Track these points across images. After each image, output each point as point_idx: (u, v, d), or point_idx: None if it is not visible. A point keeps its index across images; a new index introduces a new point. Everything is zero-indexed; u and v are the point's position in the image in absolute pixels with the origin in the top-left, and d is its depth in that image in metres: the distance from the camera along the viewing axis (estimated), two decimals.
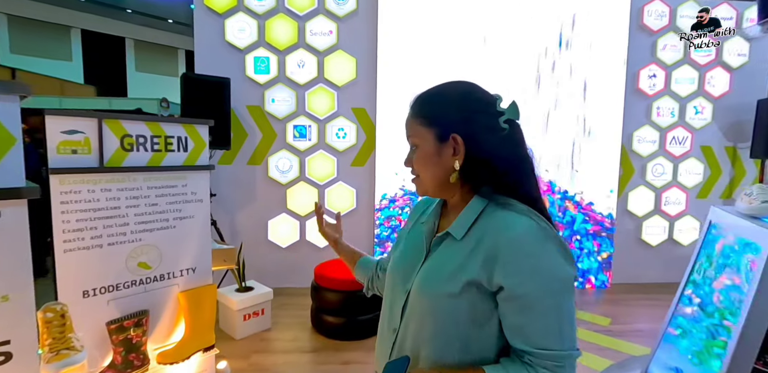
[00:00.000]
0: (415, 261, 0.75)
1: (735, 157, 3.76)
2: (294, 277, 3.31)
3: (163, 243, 1.55)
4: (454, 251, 0.68)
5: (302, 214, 3.30)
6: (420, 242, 0.76)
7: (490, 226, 0.66)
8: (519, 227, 0.63)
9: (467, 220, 0.69)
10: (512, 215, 0.66)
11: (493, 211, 0.68)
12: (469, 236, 0.68)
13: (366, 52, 3.21)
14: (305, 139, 3.24)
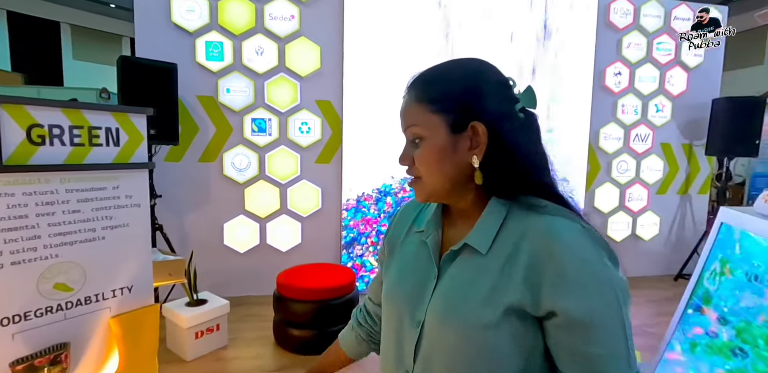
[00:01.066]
0: (422, 283, 0.61)
1: (691, 154, 3.89)
2: (255, 285, 3.03)
3: (87, 259, 1.26)
4: (480, 269, 0.55)
5: (262, 215, 3.02)
6: (424, 259, 0.63)
7: (525, 234, 0.53)
8: (565, 232, 0.51)
9: (490, 228, 0.56)
10: (550, 218, 0.54)
11: (522, 215, 0.56)
12: (495, 248, 0.55)
13: (331, 40, 2.97)
14: (265, 133, 2.95)
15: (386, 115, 3.04)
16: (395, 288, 0.65)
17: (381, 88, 3.02)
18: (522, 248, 0.53)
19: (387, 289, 0.67)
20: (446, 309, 0.56)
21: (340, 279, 2.42)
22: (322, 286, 2.33)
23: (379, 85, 3.02)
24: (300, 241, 3.09)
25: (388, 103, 3.04)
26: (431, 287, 0.59)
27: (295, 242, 3.09)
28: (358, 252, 3.15)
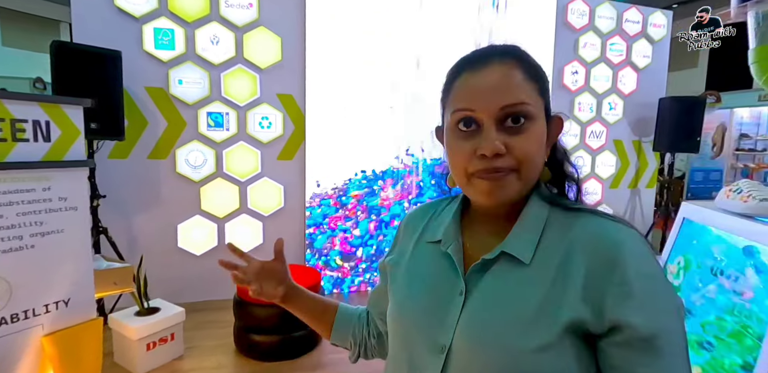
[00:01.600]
0: (444, 301, 0.52)
1: (640, 150, 4.10)
2: (213, 289, 2.86)
3: (13, 271, 1.10)
4: (523, 281, 0.48)
5: (220, 215, 2.86)
6: (444, 272, 0.54)
7: (576, 239, 0.48)
8: (628, 240, 0.46)
9: (531, 233, 0.50)
10: (602, 221, 0.49)
11: (562, 217, 0.50)
12: (539, 256, 0.48)
13: (293, 31, 2.83)
14: (222, 128, 2.78)
15: (351, 109, 2.96)
16: (406, 307, 0.55)
17: (346, 82, 2.93)
18: (574, 256, 0.47)
19: (396, 308, 0.57)
20: (485, 331, 0.47)
21: (305, 280, 2.32)
22: None
23: (344, 79, 2.92)
24: (262, 241, 2.96)
25: (353, 98, 2.96)
26: (457, 306, 0.50)
27: (256, 242, 2.95)
28: (322, 253, 3.06)
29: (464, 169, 0.49)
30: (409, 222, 0.65)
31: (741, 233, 0.93)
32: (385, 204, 3.15)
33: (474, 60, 0.51)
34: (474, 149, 0.48)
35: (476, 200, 0.52)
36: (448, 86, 0.53)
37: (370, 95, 3.00)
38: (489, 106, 0.47)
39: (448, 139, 0.52)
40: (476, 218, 0.57)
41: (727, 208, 1.01)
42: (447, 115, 0.52)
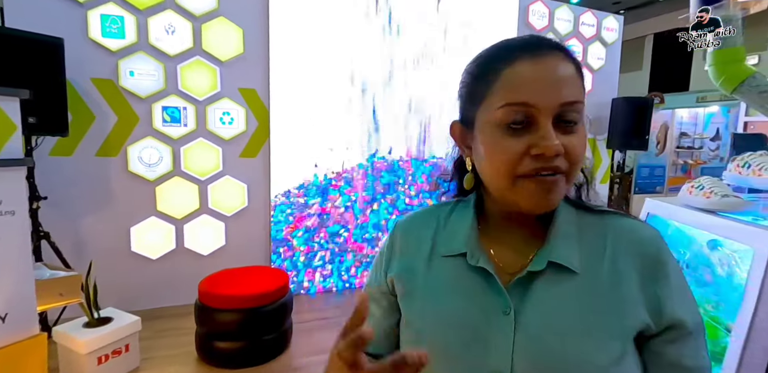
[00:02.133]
0: (489, 321, 0.46)
1: (595, 148, 4.31)
2: (172, 295, 2.70)
3: None
4: (579, 291, 0.45)
5: (179, 216, 2.69)
6: (479, 288, 0.48)
7: (614, 242, 0.47)
8: (659, 237, 0.48)
9: (570, 239, 0.47)
10: (634, 222, 0.49)
11: (594, 220, 0.50)
12: (585, 262, 0.46)
13: (255, 23, 2.71)
14: (179, 124, 2.62)
15: (319, 104, 2.88)
16: (438, 333, 0.48)
17: (312, 76, 2.84)
18: (620, 260, 0.46)
19: (424, 334, 0.49)
20: (552, 353, 0.43)
21: (271, 283, 2.24)
22: (251, 292, 2.13)
23: (311, 73, 2.83)
24: (224, 243, 2.82)
25: (321, 92, 2.87)
26: (507, 326, 0.45)
27: (218, 244, 2.81)
28: (288, 253, 2.97)
29: (511, 169, 0.43)
30: (409, 233, 0.56)
31: (704, 228, 0.98)
32: (357, 202, 3.10)
33: (528, 48, 0.44)
34: (526, 148, 0.43)
35: (521, 204, 0.45)
36: (489, 75, 0.45)
37: (338, 90, 2.93)
38: (550, 101, 0.42)
39: (488, 136, 0.45)
40: (496, 225, 0.52)
41: (691, 204, 1.06)
42: (487, 108, 0.45)
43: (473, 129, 0.49)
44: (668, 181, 6.82)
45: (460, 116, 0.52)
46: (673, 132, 6.82)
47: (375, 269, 0.59)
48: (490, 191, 0.49)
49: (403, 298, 0.53)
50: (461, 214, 0.54)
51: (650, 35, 9.99)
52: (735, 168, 1.13)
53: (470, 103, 0.48)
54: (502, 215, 0.51)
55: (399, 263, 0.54)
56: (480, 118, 0.47)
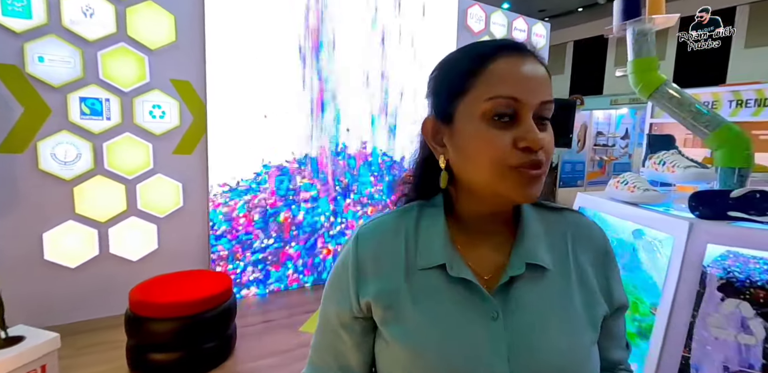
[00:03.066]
0: (479, 330, 0.46)
1: None
2: (97, 306, 2.45)
3: None
4: (555, 288, 0.49)
5: (102, 219, 2.44)
6: (463, 299, 0.47)
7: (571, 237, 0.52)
8: (602, 231, 0.55)
9: (538, 238, 0.50)
10: (584, 218, 0.55)
11: (553, 217, 0.54)
12: (554, 259, 0.50)
13: (189, 9, 2.52)
14: (101, 117, 2.36)
15: (260, 97, 2.76)
16: (436, 351, 0.46)
17: (253, 67, 2.71)
18: (579, 255, 0.51)
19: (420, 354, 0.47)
20: (543, 351, 0.45)
21: (211, 287, 2.12)
22: (189, 298, 2.00)
23: (252, 64, 2.70)
24: (156, 246, 2.61)
25: (263, 85, 2.76)
26: (497, 332, 0.46)
27: (149, 248, 2.60)
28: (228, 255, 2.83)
29: (501, 161, 0.44)
30: (378, 249, 0.52)
31: (629, 218, 1.10)
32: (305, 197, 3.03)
33: (511, 47, 0.46)
34: (513, 141, 0.44)
35: (511, 195, 0.46)
36: (475, 70, 0.46)
37: (282, 81, 2.83)
38: (533, 98, 0.44)
39: (473, 129, 0.46)
40: (467, 227, 0.52)
41: (616, 197, 1.18)
42: (472, 100, 0.46)
43: (452, 123, 0.48)
44: (587, 175, 7.52)
45: (434, 112, 0.51)
46: (591, 131, 7.52)
47: (338, 290, 0.53)
48: (472, 185, 0.49)
49: (390, 321, 0.49)
50: (431, 220, 0.52)
51: (571, 42, 10.89)
52: (652, 165, 1.28)
53: (450, 98, 0.48)
54: (477, 215, 0.52)
55: (375, 285, 0.50)
56: (462, 111, 0.47)
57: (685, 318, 0.81)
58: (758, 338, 0.76)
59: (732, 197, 0.89)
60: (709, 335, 0.79)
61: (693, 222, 0.88)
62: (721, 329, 0.79)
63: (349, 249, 0.53)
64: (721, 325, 0.79)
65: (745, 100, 3.11)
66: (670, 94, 1.26)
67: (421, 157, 0.57)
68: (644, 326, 0.94)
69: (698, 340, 0.80)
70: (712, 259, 0.86)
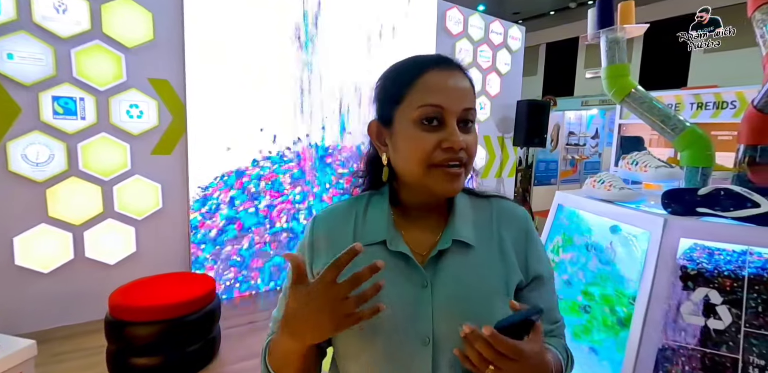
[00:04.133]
0: (412, 296, 0.55)
1: (503, 145, 4.74)
2: (73, 311, 2.38)
3: None
4: (479, 262, 0.57)
5: (77, 222, 2.37)
6: (400, 270, 0.56)
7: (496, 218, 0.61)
8: (526, 214, 0.63)
9: (467, 219, 0.59)
10: (510, 202, 0.64)
11: (482, 203, 0.63)
12: (479, 237, 0.58)
13: (167, 6, 2.46)
14: (75, 117, 2.29)
15: (242, 96, 2.73)
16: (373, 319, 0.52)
17: (234, 67, 2.68)
18: (503, 233, 0.59)
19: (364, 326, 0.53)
20: (464, 313, 0.53)
21: (194, 289, 2.09)
22: (171, 300, 1.97)
23: (232, 63, 2.67)
24: (135, 249, 2.55)
25: (244, 84, 2.73)
26: (426, 298, 0.54)
27: (127, 251, 2.53)
28: (211, 256, 2.79)
29: (426, 159, 0.52)
30: (331, 229, 0.60)
31: (606, 215, 1.17)
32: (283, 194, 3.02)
33: (439, 62, 0.55)
34: (438, 142, 0.52)
35: (434, 190, 0.54)
36: (409, 81, 0.54)
37: (263, 80, 2.81)
38: (456, 106, 0.52)
39: (406, 132, 0.54)
40: (409, 212, 0.60)
41: (593, 195, 1.25)
42: (406, 107, 0.54)
43: (392, 126, 0.56)
44: (560, 174, 7.78)
45: (378, 116, 0.59)
46: (563, 131, 7.78)
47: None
48: (406, 179, 0.57)
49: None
50: (377, 205, 0.60)
51: (543, 44, 11.20)
52: (625, 165, 1.37)
53: (390, 104, 0.56)
54: (415, 203, 0.60)
55: (326, 258, 0.57)
56: (399, 116, 0.55)
57: (662, 307, 0.88)
58: (726, 322, 0.84)
59: (699, 194, 0.97)
60: (683, 321, 0.87)
61: (667, 218, 0.95)
62: (693, 316, 0.86)
63: (306, 231, 0.62)
64: (693, 312, 0.87)
65: (704, 103, 3.31)
66: (641, 99, 1.34)
67: (368, 155, 0.65)
68: (624, 317, 1.01)
69: (673, 327, 0.87)
70: (683, 252, 0.93)
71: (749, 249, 0.89)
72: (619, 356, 1.00)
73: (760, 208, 0.88)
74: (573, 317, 1.20)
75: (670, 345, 0.87)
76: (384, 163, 0.59)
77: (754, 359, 0.82)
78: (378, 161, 0.61)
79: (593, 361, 1.11)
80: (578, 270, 1.26)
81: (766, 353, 0.81)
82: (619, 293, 1.06)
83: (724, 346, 0.84)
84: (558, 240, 1.40)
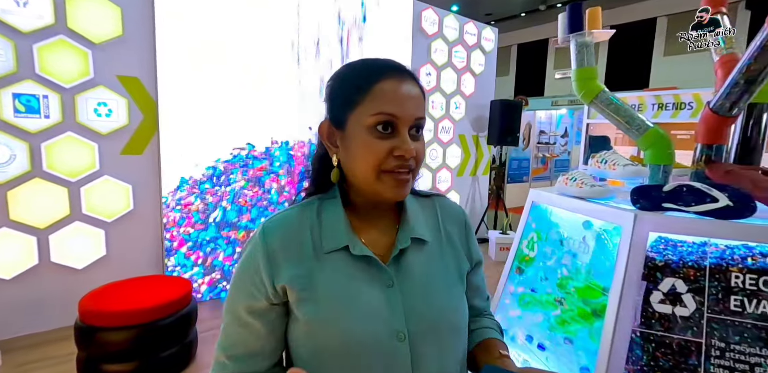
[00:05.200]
0: (380, 295, 0.56)
1: (478, 144, 4.83)
2: (38, 318, 2.28)
3: None
4: (434, 256, 0.62)
5: (41, 225, 2.26)
6: (365, 272, 0.57)
7: (440, 215, 0.67)
8: (462, 209, 0.71)
9: (419, 217, 0.64)
10: (448, 199, 0.71)
11: (427, 202, 0.68)
12: (430, 233, 0.64)
13: (137, 1, 2.38)
14: (38, 115, 2.18)
15: (216, 96, 2.67)
16: (351, 316, 0.54)
17: (208, 63, 2.62)
18: (448, 228, 0.66)
19: (334, 323, 0.54)
20: (430, 308, 0.57)
21: (169, 293, 2.05)
22: (145, 305, 1.92)
23: (206, 60, 2.61)
24: (105, 253, 2.46)
25: (218, 82, 2.67)
26: (394, 296, 0.57)
27: (96, 254, 2.44)
28: (186, 257, 2.72)
29: (377, 166, 0.54)
30: (286, 240, 0.58)
31: (579, 211, 1.23)
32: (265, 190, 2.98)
33: (394, 69, 0.56)
34: (390, 149, 0.54)
35: (384, 194, 0.55)
36: (364, 87, 0.54)
37: (237, 78, 2.75)
38: (409, 116, 0.54)
39: (359, 137, 0.54)
40: (362, 214, 0.61)
41: (566, 192, 1.31)
42: (361, 113, 0.54)
43: (344, 129, 0.56)
44: (532, 171, 8.01)
45: (330, 117, 0.59)
46: (534, 130, 8.01)
47: (249, 284, 0.57)
48: (357, 183, 0.58)
49: (304, 300, 0.55)
50: (331, 209, 0.60)
51: (515, 45, 11.47)
52: (594, 163, 1.43)
53: (343, 107, 0.56)
54: (367, 204, 0.61)
55: (288, 271, 0.56)
56: (353, 120, 0.55)
57: (634, 297, 0.94)
58: (690, 309, 0.90)
59: (664, 191, 1.03)
60: (652, 310, 0.93)
61: (637, 213, 1.01)
62: (661, 305, 0.92)
63: (257, 243, 0.58)
64: (661, 300, 0.93)
65: (665, 104, 3.50)
66: (608, 100, 1.41)
67: (318, 155, 0.64)
68: (598, 307, 1.07)
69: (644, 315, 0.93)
70: (650, 244, 0.99)
71: (708, 240, 0.96)
72: (593, 345, 1.06)
73: (718, 203, 0.95)
74: (549, 310, 1.26)
75: (641, 333, 0.93)
76: (334, 165, 0.59)
77: (716, 342, 0.88)
78: (327, 161, 0.61)
79: (569, 351, 1.16)
80: (552, 265, 1.32)
81: (726, 337, 0.88)
82: (593, 285, 1.12)
83: (690, 331, 0.91)
84: (532, 236, 1.45)
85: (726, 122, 1.23)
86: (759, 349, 0.86)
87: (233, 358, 0.58)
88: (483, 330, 0.68)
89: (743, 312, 0.89)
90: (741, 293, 0.90)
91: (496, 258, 4.09)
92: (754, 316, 0.88)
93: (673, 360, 0.92)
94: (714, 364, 0.89)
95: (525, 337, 1.30)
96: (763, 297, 0.88)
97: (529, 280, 1.42)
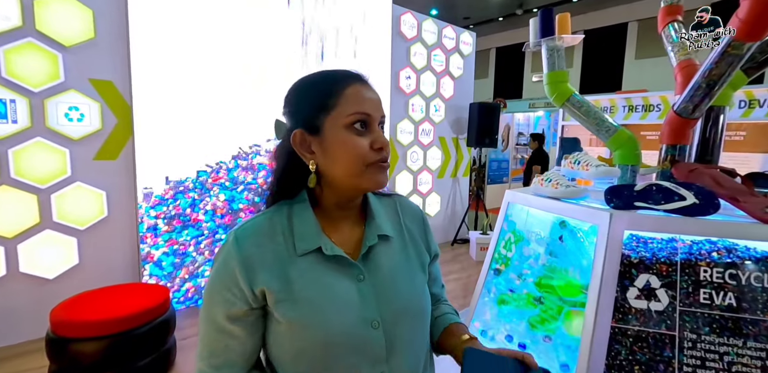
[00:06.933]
0: (352, 289, 0.61)
1: (458, 146, 4.89)
2: (7, 331, 2.18)
3: None
4: (398, 251, 0.68)
5: (9, 235, 2.17)
6: (337, 269, 0.62)
7: (399, 211, 0.73)
8: (418, 206, 0.78)
9: (383, 215, 0.70)
10: (405, 198, 0.77)
11: (387, 201, 0.74)
12: (393, 230, 0.69)
13: (109, 3, 2.32)
14: (5, 120, 2.09)
15: (194, 98, 2.63)
16: (329, 311, 0.58)
17: (184, 66, 2.57)
18: (408, 224, 0.72)
19: (314, 319, 0.58)
20: (398, 297, 0.63)
21: (145, 301, 1.99)
22: (120, 314, 1.87)
23: (182, 62, 2.56)
24: (77, 261, 2.38)
25: (195, 85, 2.62)
26: (367, 288, 0.62)
27: (68, 263, 2.35)
28: (162, 264, 2.65)
29: (362, 160, 0.59)
30: (259, 246, 0.60)
31: (554, 211, 1.26)
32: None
33: (357, 77, 0.63)
34: (369, 144, 0.60)
35: (368, 185, 0.62)
36: (336, 92, 0.60)
37: (215, 81, 2.71)
38: (377, 114, 0.62)
39: (339, 136, 0.59)
40: (330, 215, 0.66)
41: (542, 193, 1.34)
42: (338, 114, 0.59)
43: (320, 133, 0.61)
44: (511, 172, 8.15)
45: (302, 125, 0.62)
46: (513, 132, 8.16)
47: (225, 290, 0.59)
48: (337, 181, 0.62)
49: (282, 301, 0.58)
50: (301, 213, 0.64)
51: (493, 49, 11.68)
52: (568, 164, 1.47)
53: (318, 112, 0.60)
54: (335, 205, 0.66)
55: (265, 275, 0.58)
56: (330, 123, 0.60)
57: (612, 294, 0.97)
58: (664, 303, 0.94)
59: (636, 190, 1.07)
60: (629, 305, 0.96)
61: (612, 212, 1.05)
62: (637, 300, 0.96)
63: (230, 250, 0.59)
64: (637, 296, 0.96)
65: (635, 106, 3.62)
66: (579, 103, 1.46)
67: (283, 165, 0.66)
68: (577, 303, 1.10)
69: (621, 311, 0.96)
70: (623, 242, 1.03)
71: (675, 236, 1.00)
72: (573, 342, 1.08)
73: (685, 201, 1.00)
74: (528, 309, 1.28)
75: (619, 328, 0.96)
76: (312, 170, 0.62)
77: (688, 334, 0.92)
78: (294, 170, 0.64)
79: (549, 348, 1.19)
80: (530, 264, 1.34)
81: (697, 328, 0.92)
82: (571, 283, 1.15)
83: (664, 325, 0.94)
84: (509, 236, 1.48)
85: (689, 124, 1.29)
86: (726, 338, 0.90)
87: (216, 366, 0.61)
88: (445, 316, 0.76)
89: (712, 304, 0.93)
90: (709, 286, 0.94)
91: (477, 258, 4.14)
92: (721, 307, 0.92)
93: (650, 353, 0.95)
94: (687, 355, 0.92)
95: (505, 337, 1.32)
96: (729, 289, 0.92)
97: (508, 280, 1.45)
